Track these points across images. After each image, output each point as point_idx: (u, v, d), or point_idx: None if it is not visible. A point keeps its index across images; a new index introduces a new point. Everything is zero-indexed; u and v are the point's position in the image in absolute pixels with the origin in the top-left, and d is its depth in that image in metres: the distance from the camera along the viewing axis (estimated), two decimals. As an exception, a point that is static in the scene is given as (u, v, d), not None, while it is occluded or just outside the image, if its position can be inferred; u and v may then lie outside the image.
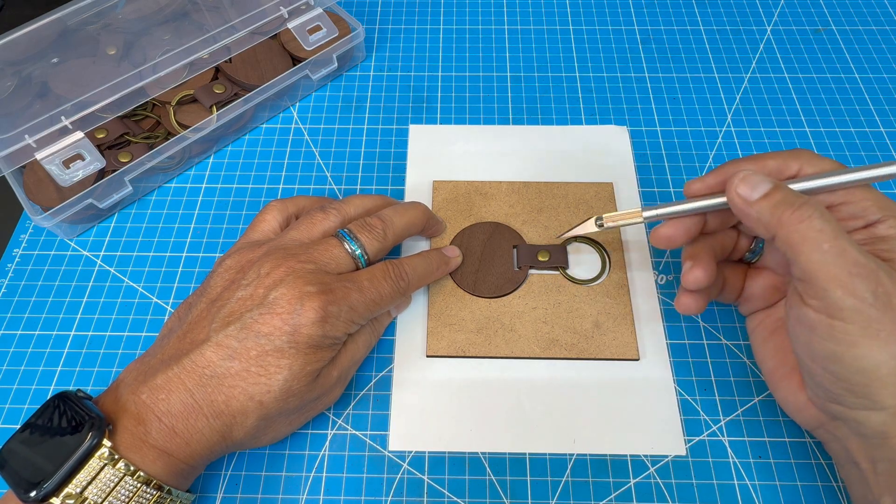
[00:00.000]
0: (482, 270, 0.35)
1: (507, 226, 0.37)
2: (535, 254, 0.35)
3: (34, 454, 0.23)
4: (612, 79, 0.45)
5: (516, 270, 0.35)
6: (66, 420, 0.24)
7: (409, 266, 0.31)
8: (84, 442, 0.23)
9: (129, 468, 0.23)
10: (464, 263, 0.35)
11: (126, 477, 0.23)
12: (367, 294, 0.28)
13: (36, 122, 0.34)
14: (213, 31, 0.39)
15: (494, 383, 0.32)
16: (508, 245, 0.36)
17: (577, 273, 0.35)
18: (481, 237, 0.36)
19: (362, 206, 0.32)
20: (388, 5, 0.50)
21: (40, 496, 0.22)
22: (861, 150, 0.41)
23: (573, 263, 0.36)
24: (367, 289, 0.28)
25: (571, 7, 0.49)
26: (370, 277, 0.29)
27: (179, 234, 0.38)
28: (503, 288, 0.35)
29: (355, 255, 0.29)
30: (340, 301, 0.27)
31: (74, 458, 0.23)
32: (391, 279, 0.30)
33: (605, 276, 0.35)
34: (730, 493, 0.29)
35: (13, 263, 0.37)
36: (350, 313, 0.28)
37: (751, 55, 0.46)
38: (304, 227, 0.30)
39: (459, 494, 0.30)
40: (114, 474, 0.23)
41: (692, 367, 0.33)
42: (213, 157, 0.41)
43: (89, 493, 0.23)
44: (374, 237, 0.30)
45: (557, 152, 0.41)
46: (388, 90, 0.44)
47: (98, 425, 0.23)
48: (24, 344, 0.34)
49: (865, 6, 0.49)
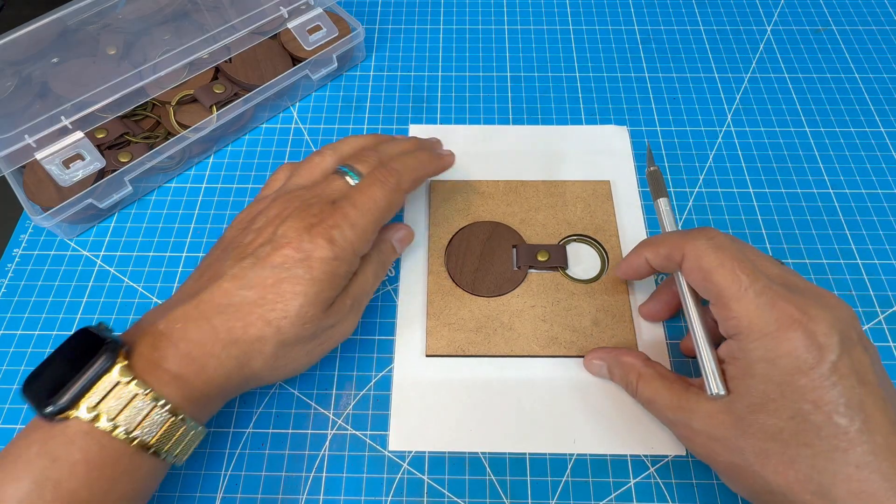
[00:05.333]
0: (481, 270, 0.35)
1: (507, 225, 0.37)
2: (535, 254, 0.35)
3: (53, 376, 0.24)
4: (612, 79, 0.45)
5: (515, 270, 0.35)
6: (85, 347, 0.24)
7: (395, 163, 0.31)
8: (98, 361, 0.24)
9: (144, 388, 0.24)
10: (463, 262, 0.35)
11: (139, 395, 0.24)
12: (361, 205, 0.29)
13: (36, 122, 0.34)
14: (213, 31, 0.39)
15: (494, 383, 0.32)
16: (508, 244, 0.36)
17: (576, 272, 0.35)
18: (481, 236, 0.36)
19: (357, 144, 0.33)
20: (388, 5, 0.50)
21: (56, 410, 0.23)
22: (861, 150, 0.41)
23: (572, 263, 0.36)
24: (359, 200, 0.29)
25: (571, 7, 0.49)
26: (359, 188, 0.30)
27: (179, 234, 0.38)
28: (502, 287, 0.35)
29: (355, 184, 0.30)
30: (340, 221, 0.28)
31: (87, 375, 0.23)
32: (378, 181, 0.30)
33: (604, 276, 0.35)
34: (730, 493, 0.29)
35: (13, 263, 0.37)
36: (353, 230, 0.28)
37: (751, 55, 0.46)
38: (305, 171, 0.31)
39: (459, 494, 0.30)
40: (128, 392, 0.24)
41: (692, 367, 0.33)
42: (213, 157, 0.41)
43: (103, 409, 0.23)
44: (369, 163, 0.31)
45: (557, 152, 0.41)
46: (388, 90, 0.44)
47: (113, 348, 0.24)
48: (24, 344, 0.34)
49: (865, 6, 0.49)
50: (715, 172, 0.40)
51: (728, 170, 0.40)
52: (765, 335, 0.24)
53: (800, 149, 0.41)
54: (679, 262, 0.27)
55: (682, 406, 0.27)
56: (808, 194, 0.39)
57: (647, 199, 0.39)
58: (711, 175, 0.40)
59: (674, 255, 0.28)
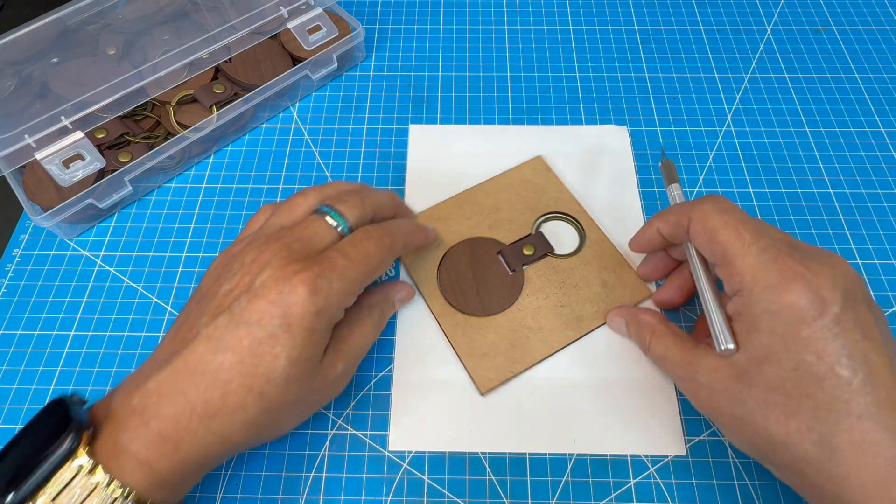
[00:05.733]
0: (482, 290, 0.35)
1: (482, 237, 0.36)
2: (521, 250, 0.35)
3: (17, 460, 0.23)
4: (612, 79, 0.45)
5: (512, 274, 0.35)
6: (54, 424, 0.23)
7: (389, 224, 0.31)
8: (61, 447, 0.22)
9: (107, 477, 0.22)
10: (461, 291, 0.34)
11: (101, 487, 0.22)
12: (353, 258, 0.27)
13: (36, 122, 0.34)
14: (213, 31, 0.39)
15: (494, 383, 0.32)
16: (492, 254, 0.36)
17: (562, 250, 0.36)
18: (464, 259, 0.36)
19: (342, 188, 0.32)
20: (388, 5, 0.50)
21: (16, 500, 0.22)
22: (861, 150, 0.41)
23: (554, 243, 0.36)
24: (352, 253, 0.27)
25: (571, 7, 0.49)
26: (352, 241, 0.28)
27: (179, 234, 0.38)
28: (510, 296, 0.34)
29: (338, 227, 0.28)
30: (327, 271, 0.26)
31: (49, 461, 0.22)
32: (374, 238, 0.28)
33: (587, 240, 0.36)
34: (730, 493, 0.29)
35: (13, 263, 0.37)
36: (340, 282, 0.26)
37: (751, 55, 0.46)
38: (284, 210, 0.30)
39: (459, 494, 0.30)
40: (90, 482, 0.22)
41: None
42: (213, 157, 0.41)
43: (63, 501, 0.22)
44: (353, 206, 0.29)
45: (557, 152, 0.41)
46: (388, 90, 0.44)
47: (78, 429, 0.23)
48: (24, 344, 0.34)
49: (865, 6, 0.49)
50: (715, 172, 0.40)
51: (728, 170, 0.40)
52: (768, 288, 0.24)
53: (800, 149, 0.41)
54: (687, 227, 0.28)
55: (690, 361, 0.27)
56: (808, 194, 0.39)
57: (647, 199, 0.39)
58: (711, 175, 0.40)
59: (682, 220, 0.29)
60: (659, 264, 0.34)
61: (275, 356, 0.24)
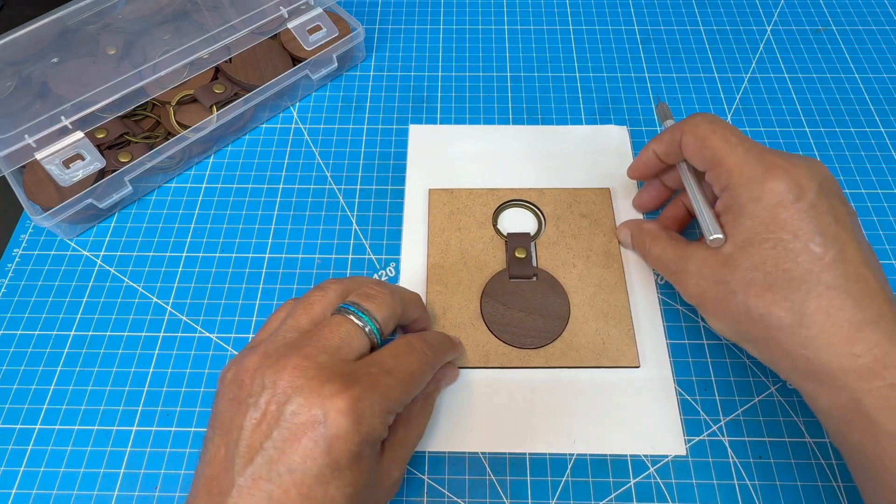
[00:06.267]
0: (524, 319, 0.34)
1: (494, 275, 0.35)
2: (513, 252, 0.35)
3: None
4: (612, 79, 0.45)
5: (533, 281, 0.35)
6: None
7: (429, 336, 0.28)
8: None
9: None
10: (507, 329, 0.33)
11: None
12: (397, 375, 0.24)
13: (36, 122, 0.34)
14: (213, 31, 0.39)
15: (495, 383, 0.32)
16: (504, 280, 0.35)
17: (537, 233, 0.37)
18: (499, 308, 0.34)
19: (362, 281, 0.29)
20: (388, 5, 0.50)
21: None
22: (861, 150, 0.41)
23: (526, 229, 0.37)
24: (395, 369, 0.24)
25: (571, 7, 0.49)
26: (394, 354, 0.25)
27: (179, 234, 0.38)
28: (554, 300, 0.34)
29: (367, 328, 0.25)
30: (370, 392, 0.23)
31: None
32: (417, 351, 0.26)
33: (545, 222, 0.37)
34: (730, 493, 0.30)
35: (13, 263, 0.37)
36: (384, 403, 0.23)
37: (751, 55, 0.46)
38: (301, 309, 0.26)
39: (459, 494, 0.30)
40: None
41: (692, 367, 0.33)
42: (213, 157, 0.41)
43: None
44: (382, 302, 0.26)
45: (557, 152, 0.41)
46: (388, 90, 0.44)
47: None
48: (24, 344, 0.34)
49: (865, 6, 0.49)
50: (715, 172, 0.40)
51: (728, 170, 0.40)
52: (752, 179, 0.27)
53: (800, 149, 0.41)
54: (679, 142, 0.30)
55: (682, 256, 0.30)
56: (808, 194, 0.39)
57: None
58: (711, 175, 0.40)
59: (675, 137, 0.30)
60: (653, 194, 0.36)
61: (330, 499, 0.22)
